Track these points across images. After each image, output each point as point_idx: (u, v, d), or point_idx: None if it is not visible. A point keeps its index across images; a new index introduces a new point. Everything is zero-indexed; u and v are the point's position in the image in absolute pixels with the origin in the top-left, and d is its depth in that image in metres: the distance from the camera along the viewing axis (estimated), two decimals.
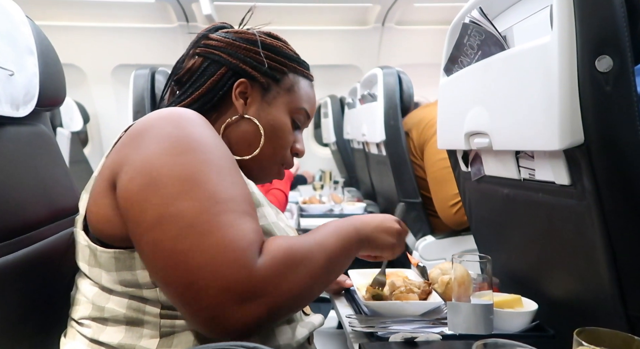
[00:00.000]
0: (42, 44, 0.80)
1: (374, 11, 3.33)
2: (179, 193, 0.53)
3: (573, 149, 0.63)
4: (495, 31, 0.80)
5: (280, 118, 0.73)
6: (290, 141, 0.76)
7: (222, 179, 0.56)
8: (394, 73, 1.94)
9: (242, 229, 0.53)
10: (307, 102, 0.77)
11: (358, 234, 0.68)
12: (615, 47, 0.58)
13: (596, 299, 0.71)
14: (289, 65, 0.75)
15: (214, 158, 0.57)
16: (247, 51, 0.72)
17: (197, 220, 0.52)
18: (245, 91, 0.72)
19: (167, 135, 0.57)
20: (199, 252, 0.50)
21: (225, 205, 0.54)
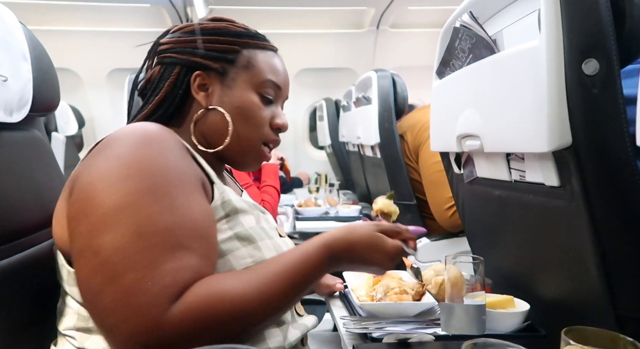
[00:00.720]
0: (36, 49, 0.81)
1: (369, 14, 3.34)
2: (105, 225, 0.51)
3: (561, 151, 0.64)
4: (486, 35, 0.81)
5: (245, 97, 0.70)
6: (263, 117, 0.72)
7: (161, 208, 0.52)
8: (388, 76, 1.95)
9: (162, 270, 0.49)
10: (271, 72, 0.73)
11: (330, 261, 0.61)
12: (601, 51, 0.59)
13: (586, 299, 0.71)
14: (239, 42, 0.71)
15: (158, 184, 0.54)
16: (193, 43, 0.71)
17: (113, 257, 0.49)
18: (204, 82, 0.71)
19: (117, 157, 0.55)
20: (107, 294, 0.48)
21: (152, 239, 0.50)
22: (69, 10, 3.04)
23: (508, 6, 0.83)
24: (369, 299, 0.93)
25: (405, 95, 1.99)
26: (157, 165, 0.56)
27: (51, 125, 2.66)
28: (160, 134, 0.60)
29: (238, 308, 0.52)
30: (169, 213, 0.53)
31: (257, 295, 0.53)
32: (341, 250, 0.61)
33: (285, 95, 0.77)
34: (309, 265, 0.58)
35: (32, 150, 0.80)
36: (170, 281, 0.49)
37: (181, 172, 0.58)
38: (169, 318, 0.48)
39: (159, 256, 0.50)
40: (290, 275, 0.56)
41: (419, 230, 0.70)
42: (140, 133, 0.58)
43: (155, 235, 0.51)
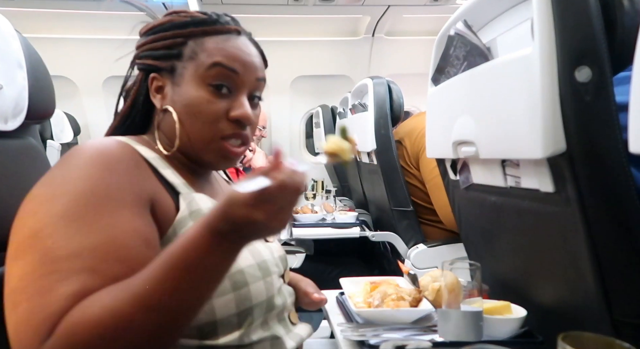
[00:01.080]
0: (31, 57, 0.81)
1: (364, 22, 3.37)
2: (17, 252, 0.50)
3: (556, 157, 0.64)
4: (480, 42, 0.82)
5: (190, 92, 0.65)
6: (214, 112, 0.64)
7: (73, 231, 0.50)
8: (384, 83, 1.97)
9: (52, 296, 0.46)
10: (220, 56, 0.65)
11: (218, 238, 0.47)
12: (593, 58, 0.60)
13: (583, 304, 0.72)
14: (183, 34, 0.66)
15: (76, 207, 0.51)
16: (144, 45, 0.69)
17: (18, 286, 0.48)
18: (160, 84, 0.68)
19: (51, 178, 0.55)
20: (9, 324, 0.47)
21: (52, 266, 0.48)
22: (64, 18, 3.05)
23: (501, 14, 0.84)
24: (366, 306, 0.93)
25: (401, 102, 2.00)
26: (81, 187, 0.53)
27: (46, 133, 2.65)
28: (109, 151, 0.57)
29: (114, 324, 0.44)
30: (82, 237, 0.50)
31: (135, 303, 0.45)
32: (219, 222, 0.46)
33: (249, 80, 0.67)
34: (191, 254, 0.47)
35: (28, 158, 0.80)
36: (57, 310, 0.45)
37: (114, 193, 0.54)
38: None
39: (56, 283, 0.47)
40: (172, 271, 0.46)
41: (277, 149, 0.48)
42: (87, 152, 0.57)
43: (59, 261, 0.48)
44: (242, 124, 0.67)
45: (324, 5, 3.01)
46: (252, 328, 0.64)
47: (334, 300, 1.05)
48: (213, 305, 0.60)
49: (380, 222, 2.14)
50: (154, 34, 0.68)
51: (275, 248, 0.77)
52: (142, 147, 0.65)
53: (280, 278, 0.75)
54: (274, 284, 0.69)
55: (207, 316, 0.60)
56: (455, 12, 0.90)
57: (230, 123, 0.66)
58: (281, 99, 3.62)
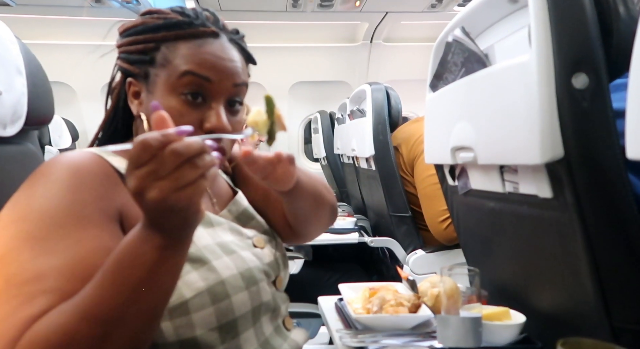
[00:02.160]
0: (30, 63, 0.81)
1: (362, 28, 3.39)
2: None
3: (554, 163, 0.65)
4: (478, 49, 0.82)
5: (162, 103, 0.60)
6: (185, 123, 0.55)
7: (37, 253, 0.48)
8: (382, 89, 1.97)
9: (15, 320, 0.44)
10: (191, 63, 0.60)
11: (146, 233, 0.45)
12: (590, 65, 0.61)
13: (582, 311, 0.72)
14: (155, 38, 0.61)
15: (40, 228, 0.50)
16: (121, 48, 0.65)
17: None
18: (137, 89, 0.65)
19: (18, 197, 0.54)
20: None
21: (17, 290, 0.46)
22: (63, 24, 3.06)
23: (499, 21, 0.85)
24: (365, 312, 0.93)
25: (399, 108, 2.01)
26: (46, 207, 0.51)
27: (45, 139, 2.65)
28: (78, 168, 0.55)
29: (66, 340, 0.43)
30: (47, 258, 0.48)
31: (81, 315, 0.44)
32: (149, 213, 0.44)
33: (226, 86, 0.62)
34: (125, 254, 0.45)
35: (26, 164, 0.80)
36: (15, 335, 0.44)
37: (80, 211, 0.52)
38: None
39: (19, 306, 0.45)
40: (109, 275, 0.45)
41: (155, 105, 0.45)
42: (57, 169, 0.55)
43: (23, 285, 0.46)
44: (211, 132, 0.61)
45: (322, 11, 3.03)
46: (240, 339, 0.63)
47: (332, 306, 1.05)
48: (192, 319, 0.58)
49: (379, 228, 2.14)
50: (128, 36, 0.64)
51: (266, 254, 0.74)
52: (117, 158, 0.62)
53: (272, 284, 0.73)
54: (261, 292, 0.67)
55: (186, 331, 0.58)
56: (453, 19, 0.91)
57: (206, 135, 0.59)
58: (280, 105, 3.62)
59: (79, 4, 2.72)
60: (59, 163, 0.56)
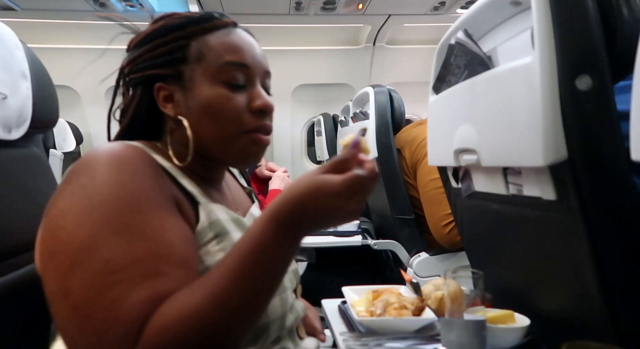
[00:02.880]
0: (35, 67, 0.82)
1: (365, 31, 3.39)
2: (71, 266, 0.48)
3: (558, 165, 0.64)
4: (481, 51, 0.82)
5: (207, 93, 0.62)
6: (236, 107, 0.63)
7: (127, 240, 0.49)
8: (385, 91, 1.97)
9: (129, 305, 0.46)
10: (228, 52, 0.63)
11: (285, 231, 0.49)
12: (594, 67, 0.60)
13: (586, 314, 0.71)
14: (183, 35, 0.63)
15: (123, 214, 0.51)
16: (141, 56, 0.65)
17: (84, 299, 0.47)
18: (168, 92, 0.64)
19: (82, 187, 0.52)
20: (84, 337, 0.46)
21: (119, 275, 0.47)
22: (68, 28, 3.08)
23: (501, 24, 0.85)
24: (369, 315, 0.93)
25: (402, 111, 2.01)
26: (123, 194, 0.52)
27: (49, 142, 2.66)
28: (127, 156, 0.56)
29: (199, 324, 0.46)
30: (137, 243, 0.50)
31: (213, 302, 0.47)
32: (288, 214, 0.49)
33: (259, 71, 0.66)
34: (260, 248, 0.48)
35: (31, 167, 0.80)
36: (134, 317, 0.46)
37: (150, 196, 0.54)
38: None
39: (127, 291, 0.47)
40: (244, 266, 0.48)
41: (356, 140, 0.51)
42: (106, 158, 0.55)
43: (125, 269, 0.48)
44: (264, 114, 0.65)
45: (325, 14, 3.03)
46: (266, 344, 0.63)
47: (336, 309, 1.05)
48: None
49: (382, 230, 2.14)
50: (148, 43, 0.64)
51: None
52: (157, 155, 0.62)
53: (293, 293, 0.73)
54: (288, 299, 0.68)
55: None
56: (455, 22, 0.91)
57: (253, 116, 0.64)
58: (283, 108, 3.63)
59: (84, 9, 2.74)
60: (110, 153, 0.56)
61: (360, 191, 0.48)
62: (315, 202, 0.48)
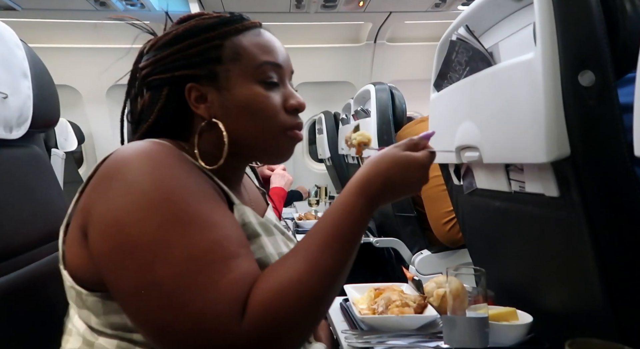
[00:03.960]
0: (36, 66, 0.82)
1: (366, 29, 3.38)
2: (154, 258, 0.49)
3: (560, 162, 0.64)
4: (482, 48, 0.82)
5: (246, 93, 0.63)
6: (274, 105, 0.64)
7: (198, 228, 0.51)
8: (386, 89, 1.97)
9: (224, 285, 0.49)
10: (264, 53, 0.65)
11: (370, 204, 0.57)
12: (596, 62, 0.60)
13: (589, 310, 0.71)
14: (217, 35, 0.63)
15: (186, 205, 0.52)
16: (171, 56, 0.63)
17: (176, 286, 0.48)
18: (200, 93, 0.63)
19: (134, 184, 0.52)
20: (183, 323, 0.47)
21: (203, 260, 0.49)
22: (69, 27, 3.08)
23: (503, 20, 0.84)
24: (371, 313, 0.93)
25: (404, 108, 2.00)
26: (180, 187, 0.53)
27: (51, 141, 2.66)
28: (167, 152, 0.57)
29: (300, 292, 0.50)
30: (210, 229, 0.52)
31: (311, 270, 0.51)
32: (377, 187, 0.57)
33: (288, 70, 0.69)
34: (351, 219, 0.55)
35: (32, 166, 0.80)
36: (234, 295, 0.49)
37: (203, 188, 0.56)
38: (244, 332, 0.47)
39: (217, 273, 0.49)
40: (337, 237, 0.53)
41: (428, 134, 0.66)
42: (146, 154, 0.55)
43: (207, 253, 0.50)
44: (297, 112, 0.68)
45: (325, 12, 3.02)
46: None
47: (338, 307, 1.05)
48: None
49: (384, 228, 2.14)
50: (179, 43, 0.63)
51: None
52: (187, 155, 0.61)
53: None
54: None
55: None
56: (457, 18, 0.91)
57: (288, 114, 0.66)
58: None
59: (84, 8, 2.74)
60: (149, 149, 0.56)
61: (430, 165, 0.61)
62: (402, 173, 0.59)
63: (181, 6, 2.81)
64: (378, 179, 0.58)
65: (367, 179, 0.58)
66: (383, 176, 0.58)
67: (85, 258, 0.55)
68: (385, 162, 0.59)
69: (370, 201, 0.57)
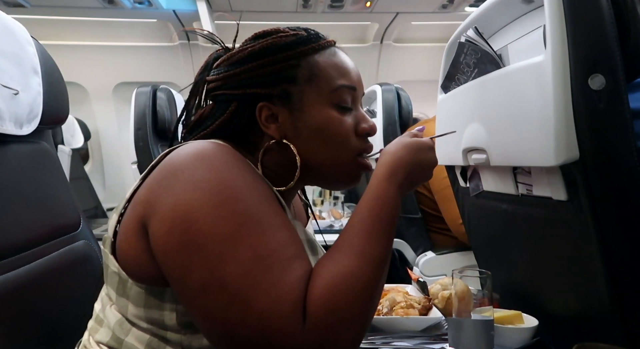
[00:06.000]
0: (46, 63, 0.82)
1: (373, 29, 3.38)
2: (222, 255, 0.49)
3: (569, 165, 0.64)
4: (491, 50, 0.82)
5: (320, 116, 0.62)
6: (347, 130, 0.63)
7: (265, 228, 0.52)
8: (393, 89, 1.97)
9: (287, 284, 0.49)
10: (339, 76, 0.64)
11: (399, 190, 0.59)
12: (607, 66, 0.60)
13: (596, 315, 0.71)
14: (294, 55, 0.62)
15: (253, 205, 0.53)
16: (245, 73, 0.62)
17: (244, 285, 0.48)
18: (271, 112, 0.62)
19: (202, 181, 0.52)
20: (249, 321, 0.48)
21: (270, 259, 0.50)
22: (77, 25, 3.09)
23: (513, 22, 0.84)
24: (375, 314, 0.92)
25: (410, 109, 2.00)
26: (247, 187, 0.54)
27: (58, 138, 2.68)
28: (234, 153, 0.57)
29: (355, 284, 0.50)
30: (276, 230, 0.52)
31: (360, 261, 0.52)
32: (402, 174, 0.59)
33: (361, 93, 0.68)
34: (386, 207, 0.56)
35: (41, 162, 0.81)
36: (297, 295, 0.49)
37: (266, 191, 0.57)
38: (307, 332, 0.48)
39: (282, 273, 0.50)
40: (378, 225, 0.55)
41: (419, 128, 0.70)
42: (218, 153, 0.55)
43: (274, 253, 0.50)
44: (369, 136, 0.67)
45: (332, 12, 3.02)
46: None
47: None
48: None
49: None
50: (255, 60, 0.62)
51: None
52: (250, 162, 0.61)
53: None
54: None
55: None
56: (466, 19, 0.90)
57: (360, 138, 0.66)
58: None
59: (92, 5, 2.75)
60: (215, 147, 0.56)
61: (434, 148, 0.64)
62: (417, 155, 0.61)
63: (188, 5, 2.82)
64: (400, 164, 0.60)
65: (392, 166, 0.59)
66: (404, 160, 0.60)
67: (139, 249, 0.54)
68: (401, 148, 0.61)
69: (399, 187, 0.59)
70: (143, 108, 2.16)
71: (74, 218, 0.84)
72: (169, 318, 0.55)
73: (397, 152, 0.61)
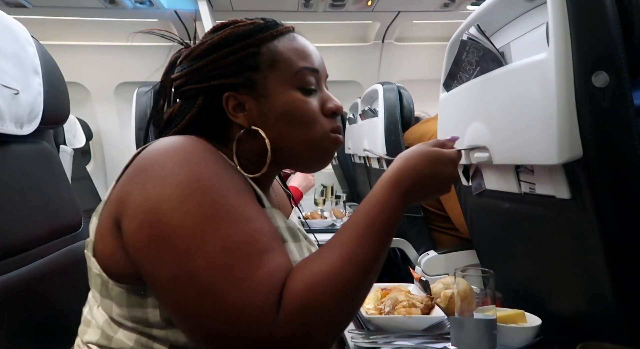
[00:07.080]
0: (47, 63, 0.82)
1: (374, 28, 3.37)
2: (191, 249, 0.49)
3: (572, 163, 0.63)
4: (493, 48, 0.81)
5: (285, 100, 0.63)
6: (312, 109, 0.64)
7: (235, 220, 0.52)
8: (394, 88, 1.96)
9: (258, 278, 0.49)
10: (301, 58, 0.64)
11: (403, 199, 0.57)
12: (611, 63, 0.59)
13: (600, 314, 0.70)
14: (253, 42, 0.63)
15: (223, 198, 0.53)
16: (208, 66, 0.63)
17: (214, 278, 0.48)
18: (237, 101, 0.63)
19: (171, 175, 0.52)
20: (219, 315, 0.48)
21: (239, 252, 0.50)
22: (78, 25, 3.10)
23: (515, 19, 0.84)
24: (377, 313, 0.92)
25: (412, 108, 1.99)
26: (217, 179, 0.54)
27: (59, 138, 2.68)
28: (206, 146, 0.57)
29: (335, 285, 0.50)
30: (245, 223, 0.52)
31: (345, 263, 0.51)
32: (408, 182, 0.58)
33: (324, 74, 0.69)
34: (384, 213, 0.55)
35: (42, 162, 0.81)
36: (269, 287, 0.49)
37: (238, 182, 0.57)
38: (280, 324, 0.48)
39: (253, 266, 0.50)
40: (371, 230, 0.54)
41: (454, 137, 0.68)
42: (188, 146, 0.56)
43: (244, 246, 0.50)
44: (336, 115, 0.67)
45: (334, 11, 3.02)
46: None
47: None
48: None
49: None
50: (215, 52, 0.63)
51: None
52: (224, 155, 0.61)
53: None
54: None
55: None
56: (468, 17, 0.90)
57: (327, 118, 0.66)
58: None
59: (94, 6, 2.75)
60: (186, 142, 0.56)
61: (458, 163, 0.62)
62: (433, 168, 0.59)
63: (189, 4, 2.82)
64: (409, 172, 0.58)
65: (398, 173, 0.58)
66: (413, 169, 0.59)
67: (115, 248, 0.55)
68: (415, 156, 0.60)
69: (403, 195, 0.57)
70: (144, 108, 2.16)
71: (75, 218, 0.84)
72: (153, 315, 0.55)
73: (410, 160, 0.60)
